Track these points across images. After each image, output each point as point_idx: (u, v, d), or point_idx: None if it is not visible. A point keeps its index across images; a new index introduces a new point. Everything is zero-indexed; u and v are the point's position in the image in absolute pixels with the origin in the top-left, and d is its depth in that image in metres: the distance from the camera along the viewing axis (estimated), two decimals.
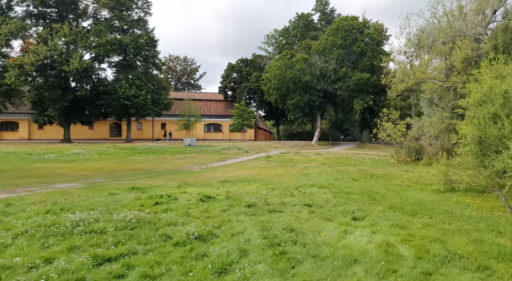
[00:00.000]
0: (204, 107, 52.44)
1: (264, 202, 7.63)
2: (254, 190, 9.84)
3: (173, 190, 9.98)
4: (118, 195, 8.89)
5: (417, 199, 9.10)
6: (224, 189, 10.08)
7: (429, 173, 16.07)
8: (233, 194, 8.75)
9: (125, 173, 17.07)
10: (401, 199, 8.98)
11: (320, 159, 23.71)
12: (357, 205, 7.64)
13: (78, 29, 34.20)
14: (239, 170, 17.89)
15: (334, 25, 40.29)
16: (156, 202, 7.45)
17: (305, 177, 14.59)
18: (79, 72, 32.37)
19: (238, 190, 9.89)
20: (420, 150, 21.24)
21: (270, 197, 8.49)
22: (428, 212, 7.04)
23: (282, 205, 7.45)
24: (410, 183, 12.79)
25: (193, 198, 7.97)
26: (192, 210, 6.74)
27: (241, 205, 7.23)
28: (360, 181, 13.19)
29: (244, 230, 5.20)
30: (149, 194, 8.50)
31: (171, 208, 6.94)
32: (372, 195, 9.38)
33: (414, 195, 9.99)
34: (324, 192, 9.56)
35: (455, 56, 20.55)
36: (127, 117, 39.38)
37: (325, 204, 7.69)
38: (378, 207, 7.49)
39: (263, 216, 6.18)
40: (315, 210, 6.94)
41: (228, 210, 6.74)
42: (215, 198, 8.07)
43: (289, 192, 9.45)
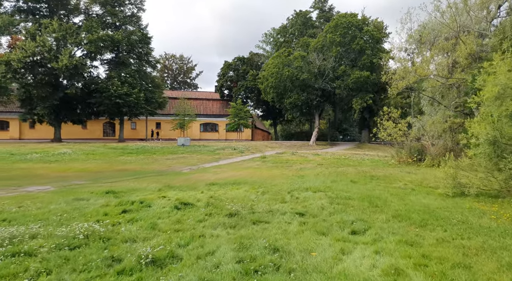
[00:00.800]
0: (200, 106, 51.39)
1: (249, 210, 6.60)
2: (241, 195, 8.81)
3: (151, 194, 8.95)
4: (86, 200, 7.85)
5: (424, 205, 8.08)
6: (208, 194, 9.05)
7: (434, 175, 15.10)
8: (216, 200, 7.72)
9: (110, 174, 16.01)
10: (406, 205, 7.97)
11: (317, 160, 22.70)
12: (356, 213, 6.62)
13: (68, 25, 33.07)
14: (232, 171, 16.87)
15: (333, 22, 39.28)
16: (124, 210, 6.41)
17: (300, 179, 13.57)
18: (68, 69, 31.25)
19: (224, 195, 8.86)
20: (422, 151, 20.23)
21: (258, 203, 7.46)
22: (440, 222, 6.02)
23: (270, 213, 6.42)
24: (413, 186, 11.79)
25: (169, 205, 6.94)
26: (162, 221, 5.71)
27: (222, 214, 6.20)
28: (359, 183, 12.18)
29: (216, 249, 4.18)
30: (120, 200, 7.46)
31: (139, 217, 5.91)
32: (373, 200, 8.36)
33: (420, 200, 8.97)
34: (319, 197, 8.54)
35: (459, 52, 19.55)
36: (120, 116, 38.27)
37: (320, 212, 6.66)
38: (380, 215, 6.47)
39: (245, 229, 5.15)
40: (307, 220, 5.90)
41: (204, 221, 5.71)
42: (194, 205, 7.03)
43: (281, 197, 8.42)
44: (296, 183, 11.98)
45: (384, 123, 21.41)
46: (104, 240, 4.40)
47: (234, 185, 11.62)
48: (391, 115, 21.62)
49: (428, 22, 27.66)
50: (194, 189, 10.49)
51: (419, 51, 25.06)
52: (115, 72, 36.33)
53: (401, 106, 38.23)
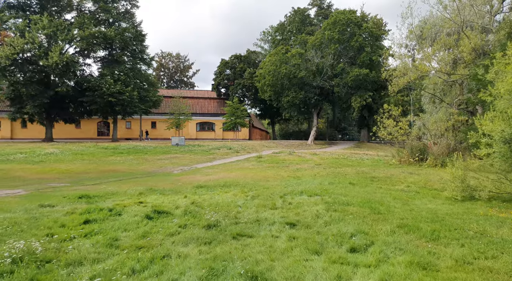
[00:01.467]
0: (196, 105, 50.45)
1: (233, 220, 5.71)
2: (228, 200, 7.92)
3: (129, 199, 8.06)
4: (51, 207, 6.95)
5: (432, 212, 7.21)
6: (192, 199, 8.16)
7: (438, 175, 14.24)
8: (197, 207, 6.83)
9: (94, 175, 15.10)
10: (411, 212, 7.09)
11: (315, 160, 21.82)
12: (356, 223, 5.73)
13: (59, 21, 32.08)
14: (224, 172, 15.97)
15: (331, 19, 38.38)
16: (86, 220, 5.51)
17: (296, 180, 12.70)
18: (59, 66, 30.26)
19: (210, 200, 7.97)
20: (424, 150, 19.36)
21: (245, 211, 6.57)
22: (454, 234, 5.14)
23: (256, 224, 5.53)
24: (417, 189, 10.93)
25: (141, 213, 6.04)
26: (126, 234, 4.82)
27: (199, 225, 5.31)
28: (359, 185, 11.31)
29: (178, 278, 3.29)
30: (88, 207, 6.56)
31: (101, 230, 5.02)
32: (375, 206, 7.48)
33: (426, 205, 8.11)
34: (314, 202, 7.66)
35: (463, 47, 18.70)
36: (113, 115, 37.30)
37: (314, 222, 5.78)
38: (384, 226, 5.59)
39: (222, 246, 4.27)
40: (298, 232, 5.01)
41: (176, 234, 4.82)
42: (169, 213, 6.14)
43: (271, 202, 7.53)
44: (291, 185, 11.10)
45: (385, 122, 20.54)
46: (39, 265, 3.51)
47: (224, 187, 10.74)
48: (391, 113, 20.76)
49: (429, 17, 26.83)
50: (179, 193, 9.60)
51: (420, 47, 24.20)
52: (108, 70, 35.34)
53: (401, 104, 37.39)
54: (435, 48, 18.86)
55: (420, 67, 19.49)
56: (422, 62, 21.90)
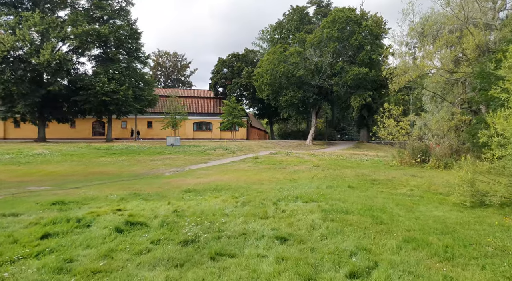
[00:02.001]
0: (193, 105, 49.71)
1: (216, 233, 4.99)
2: (215, 207, 7.20)
3: (107, 206, 7.33)
4: (15, 216, 6.22)
5: (440, 220, 6.50)
6: (176, 205, 7.44)
7: (441, 178, 13.53)
8: (178, 216, 6.11)
9: (79, 178, 14.36)
10: (417, 221, 6.38)
11: (313, 161, 21.12)
12: (356, 236, 5.01)
13: (51, 18, 31.32)
14: (218, 174, 15.25)
15: (330, 17, 37.68)
16: (46, 234, 4.77)
17: (292, 183, 11.98)
18: (51, 64, 29.49)
19: (195, 207, 7.25)
20: (426, 151, 18.66)
21: (231, 221, 5.85)
22: (471, 251, 4.42)
23: (242, 238, 4.81)
24: (421, 193, 10.22)
25: (113, 224, 5.31)
26: (86, 253, 4.09)
27: (175, 240, 4.58)
28: (358, 189, 10.60)
29: None
30: (55, 217, 5.83)
31: (58, 246, 4.29)
32: (377, 214, 6.77)
33: (433, 212, 7.40)
34: (310, 210, 6.94)
35: (467, 44, 18.00)
36: (107, 114, 36.53)
37: (309, 235, 5.06)
38: (389, 240, 4.87)
39: (195, 270, 3.55)
40: (289, 251, 4.27)
41: (145, 253, 4.09)
42: (145, 224, 5.41)
43: (263, 210, 6.80)
44: (286, 189, 10.38)
45: (385, 121, 19.84)
46: None
47: (214, 192, 10.02)
48: (392, 113, 20.07)
49: (431, 14, 26.13)
50: (164, 198, 8.88)
51: (421, 45, 23.49)
52: (102, 68, 34.58)
53: (402, 103, 36.74)
54: (438, 44, 18.15)
55: (422, 65, 18.78)
56: (423, 60, 21.25)
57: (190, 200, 8.46)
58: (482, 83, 16.01)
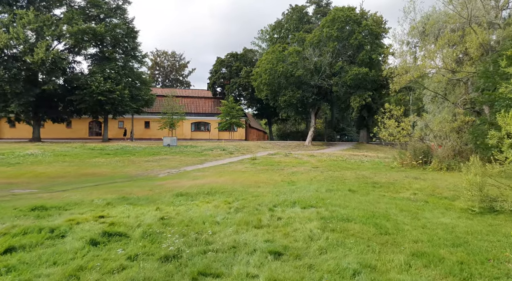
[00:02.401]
0: (191, 105, 49.18)
1: (202, 245, 4.48)
2: (206, 213, 6.69)
3: (91, 212, 6.82)
4: None
5: (449, 229, 6.00)
6: (164, 211, 6.93)
7: (445, 181, 13.04)
8: (164, 225, 5.59)
9: (69, 180, 13.83)
10: (425, 230, 5.88)
11: (312, 162, 20.62)
12: (359, 250, 4.50)
13: (46, 16, 30.73)
14: (214, 176, 14.74)
15: (330, 16, 37.18)
16: (10, 248, 4.24)
17: (290, 186, 11.49)
18: (45, 63, 28.94)
19: (184, 213, 6.74)
20: (427, 152, 18.17)
21: (222, 230, 5.34)
22: (489, 269, 3.92)
23: (232, 252, 4.29)
24: (425, 197, 9.72)
25: (90, 236, 4.79)
26: (50, 272, 3.57)
27: (155, 256, 4.06)
28: (359, 193, 10.10)
29: None
30: (27, 227, 5.30)
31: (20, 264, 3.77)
32: (380, 222, 6.26)
33: (440, 220, 6.90)
34: (308, 217, 6.42)
35: (470, 42, 17.53)
36: (103, 114, 35.97)
37: (306, 248, 4.55)
38: (395, 254, 4.37)
39: None
40: (283, 269, 3.77)
41: (118, 272, 3.58)
42: (125, 235, 4.88)
43: (257, 217, 6.29)
44: (284, 193, 9.87)
45: (386, 122, 19.36)
46: None
47: (207, 196, 9.51)
48: (393, 113, 19.59)
49: (432, 13, 25.67)
50: (153, 202, 8.36)
51: (423, 44, 23.01)
52: (98, 67, 34.01)
53: (402, 104, 36.26)
54: (440, 42, 17.67)
55: (423, 65, 18.31)
56: (424, 60, 20.80)
57: (181, 205, 7.95)
58: (486, 82, 15.54)
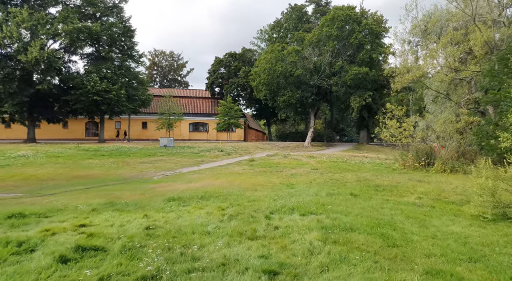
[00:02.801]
0: (189, 105, 48.65)
1: (187, 262, 3.94)
2: (197, 222, 6.16)
3: (73, 219, 6.29)
4: None
5: (462, 240, 5.48)
6: (152, 219, 6.40)
7: (450, 184, 12.52)
8: (148, 236, 5.06)
9: (61, 182, 13.28)
10: (436, 241, 5.35)
11: (312, 163, 20.10)
12: (366, 267, 3.97)
13: (40, 15, 30.16)
14: (210, 178, 14.20)
15: (330, 15, 36.72)
16: None
17: (288, 189, 10.96)
18: (39, 62, 28.38)
19: (173, 222, 6.21)
20: (430, 154, 17.65)
21: (212, 243, 4.81)
22: None
23: (220, 271, 3.76)
24: (431, 201, 9.20)
25: (61, 251, 4.24)
26: None
27: (131, 276, 3.53)
28: (362, 197, 9.57)
29: None
30: None
31: None
32: (387, 232, 5.73)
33: (450, 228, 6.38)
34: (308, 226, 5.90)
35: (474, 40, 17.04)
36: (100, 114, 35.40)
37: (306, 265, 4.02)
38: (407, 272, 3.84)
39: None
40: None
41: None
42: (102, 250, 4.35)
43: (252, 227, 5.76)
44: (282, 197, 9.34)
45: (387, 122, 18.85)
46: None
47: (201, 200, 8.97)
48: (394, 113, 19.09)
49: (434, 11, 25.23)
50: (142, 208, 7.82)
51: (425, 42, 22.52)
52: (94, 67, 33.47)
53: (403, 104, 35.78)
54: (444, 40, 17.18)
55: (426, 63, 17.80)
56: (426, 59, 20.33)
57: (171, 211, 7.41)
58: (491, 81, 15.04)
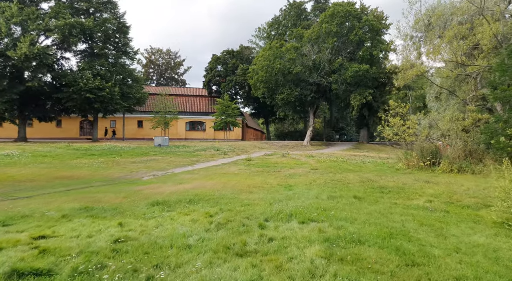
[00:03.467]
0: (186, 103, 47.73)
1: None
2: (179, 231, 5.27)
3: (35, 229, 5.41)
4: None
5: (491, 254, 4.61)
6: (126, 229, 5.50)
7: (461, 185, 11.64)
8: (115, 251, 4.16)
9: (41, 183, 12.35)
10: (460, 256, 4.47)
11: (311, 163, 19.23)
12: None
13: (30, 9, 29.19)
14: (202, 179, 13.31)
15: (329, 11, 35.81)
16: None
17: (287, 192, 10.08)
18: (29, 58, 27.41)
19: (150, 232, 5.32)
20: (436, 153, 16.79)
21: (190, 262, 3.91)
22: None
23: None
24: (443, 205, 8.32)
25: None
26: None
27: None
28: (367, 201, 8.69)
29: None
30: None
31: None
32: (402, 244, 4.85)
33: (472, 238, 5.50)
34: (309, 238, 5.00)
35: (482, 34, 16.17)
36: (93, 112, 34.45)
37: None
38: None
39: None
40: None
41: None
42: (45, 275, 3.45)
43: (242, 239, 4.87)
44: (279, 200, 8.47)
45: (390, 120, 17.99)
46: None
47: (189, 204, 8.08)
48: (398, 111, 18.23)
49: (437, 5, 24.39)
50: (121, 214, 6.92)
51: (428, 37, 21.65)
52: (87, 64, 32.50)
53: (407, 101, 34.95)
54: (450, 33, 16.31)
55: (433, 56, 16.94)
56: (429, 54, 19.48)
57: (153, 218, 6.52)
58: (501, 76, 14.18)
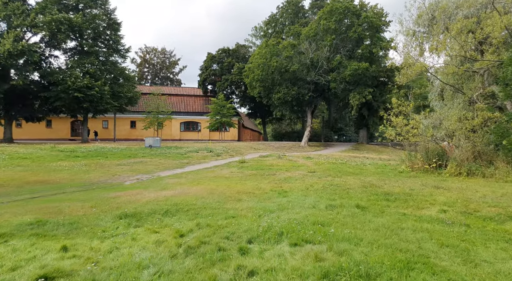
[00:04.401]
0: (180, 103, 46.50)
1: None
2: (136, 259, 4.05)
3: None
4: None
5: None
6: (70, 254, 4.29)
7: (475, 191, 10.47)
8: None
9: (8, 190, 11.10)
10: None
11: (308, 165, 18.05)
12: None
13: (15, 5, 27.92)
14: (189, 183, 12.08)
15: (327, 8, 34.70)
16: None
17: (280, 198, 8.89)
18: (13, 56, 26.12)
19: (101, 260, 4.10)
20: (442, 154, 15.65)
21: None
22: None
23: None
24: (460, 216, 7.14)
25: None
26: None
27: None
28: (372, 211, 7.51)
29: None
30: None
31: None
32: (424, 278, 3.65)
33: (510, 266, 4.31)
34: (301, 272, 3.81)
35: (491, 26, 15.04)
36: (82, 112, 33.15)
37: None
38: None
39: None
40: None
41: None
42: None
43: (212, 273, 3.66)
44: (270, 210, 7.28)
45: (393, 120, 16.83)
46: None
47: (164, 216, 6.89)
48: (401, 110, 17.08)
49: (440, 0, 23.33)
50: (77, 230, 5.71)
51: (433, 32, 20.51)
52: (76, 62, 31.22)
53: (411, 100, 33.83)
54: (458, 25, 15.18)
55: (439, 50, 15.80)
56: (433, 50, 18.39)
57: (112, 236, 5.31)
58: None
